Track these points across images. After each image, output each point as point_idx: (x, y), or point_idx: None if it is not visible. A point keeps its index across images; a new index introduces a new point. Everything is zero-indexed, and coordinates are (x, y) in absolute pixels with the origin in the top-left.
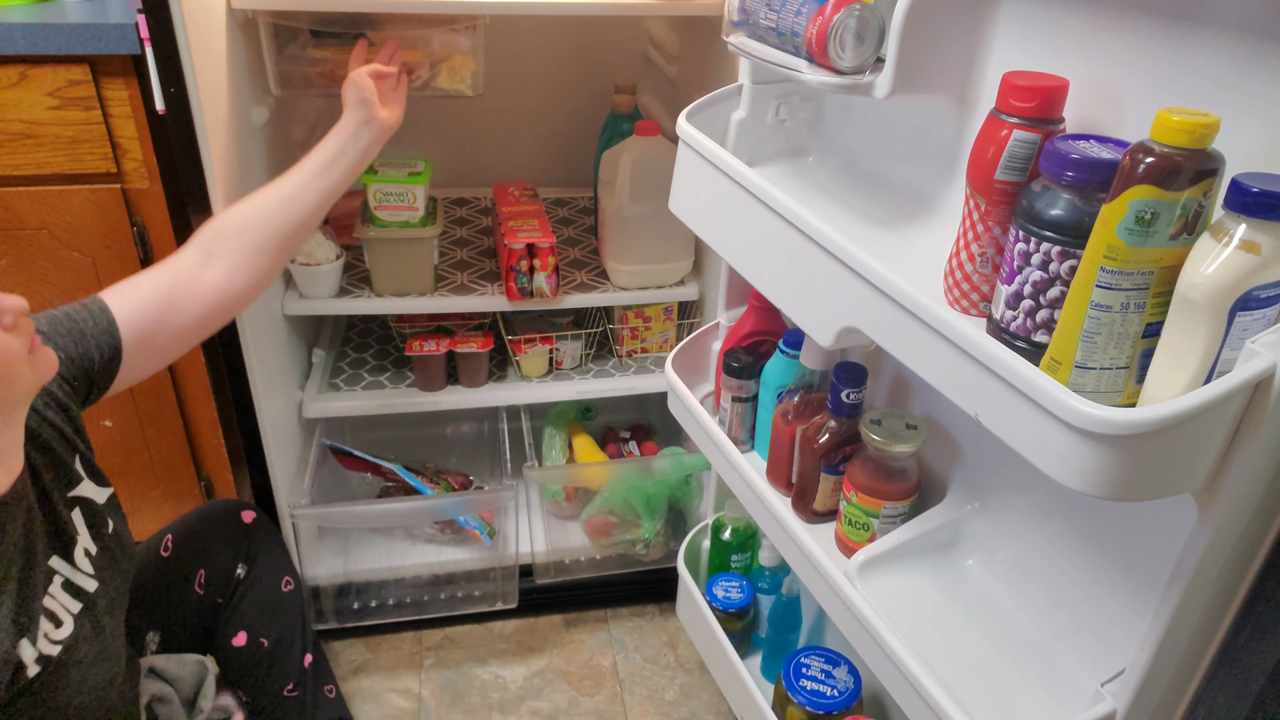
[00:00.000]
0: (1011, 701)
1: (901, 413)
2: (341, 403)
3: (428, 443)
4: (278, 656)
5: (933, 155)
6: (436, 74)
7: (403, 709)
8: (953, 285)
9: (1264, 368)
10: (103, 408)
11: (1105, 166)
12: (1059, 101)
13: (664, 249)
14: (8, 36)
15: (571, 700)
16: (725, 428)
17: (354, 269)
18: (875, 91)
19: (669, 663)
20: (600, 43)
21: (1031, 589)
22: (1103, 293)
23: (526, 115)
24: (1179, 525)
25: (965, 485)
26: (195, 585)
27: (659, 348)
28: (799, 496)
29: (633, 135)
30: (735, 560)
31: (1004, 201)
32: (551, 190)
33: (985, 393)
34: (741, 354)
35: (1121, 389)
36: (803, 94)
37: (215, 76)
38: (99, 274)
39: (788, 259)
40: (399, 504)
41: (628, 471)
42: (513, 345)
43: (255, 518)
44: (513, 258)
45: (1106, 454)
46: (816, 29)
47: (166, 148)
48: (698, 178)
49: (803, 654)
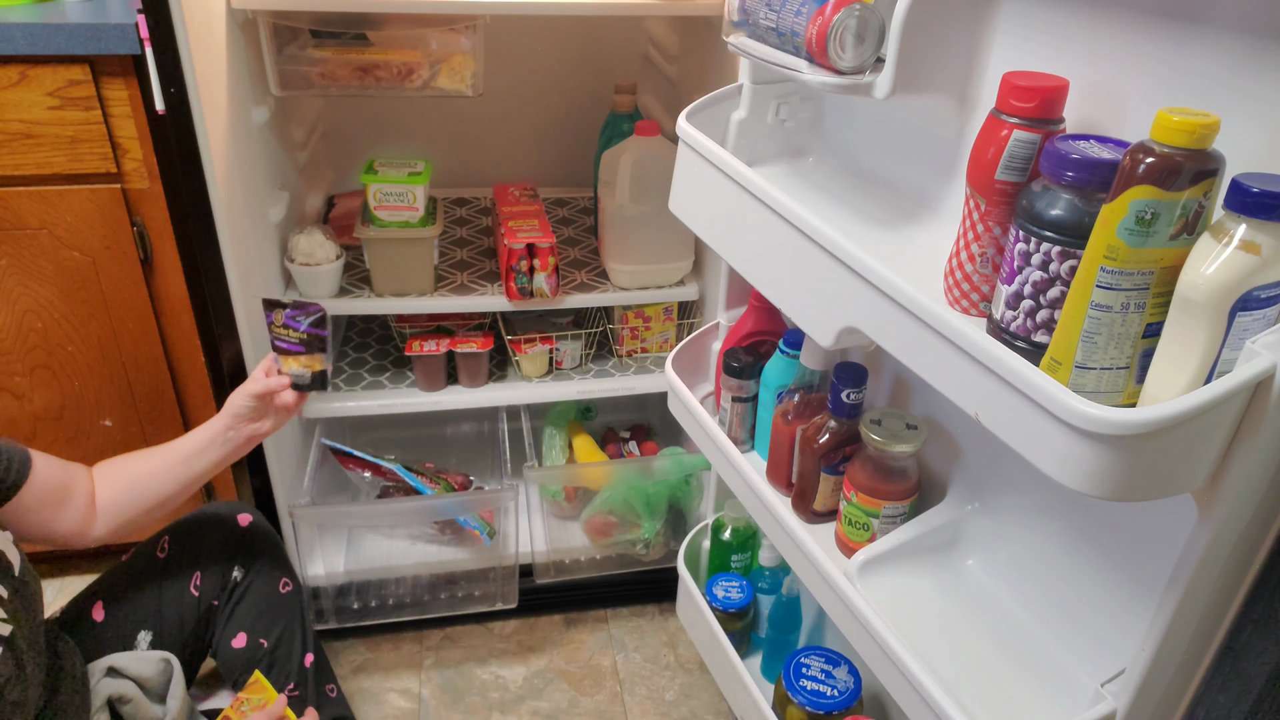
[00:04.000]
0: (1011, 701)
1: (901, 413)
2: (341, 403)
3: (428, 443)
4: (278, 657)
5: (933, 155)
6: (436, 74)
7: (403, 709)
8: (953, 285)
9: (1264, 368)
10: (102, 407)
11: (1105, 166)
12: (1059, 101)
13: (664, 249)
14: (8, 36)
15: (571, 700)
16: (725, 428)
17: (354, 269)
18: (875, 91)
19: (669, 663)
20: (600, 43)
21: (1031, 589)
22: (1103, 293)
23: (526, 115)
24: (1179, 525)
25: (965, 485)
26: (191, 587)
27: (659, 348)
28: (799, 496)
29: (633, 135)
30: (735, 560)
31: (1004, 201)
32: (551, 190)
33: (985, 393)
34: (741, 354)
35: (1122, 389)
36: (803, 94)
37: (215, 76)
38: (99, 274)
39: (788, 259)
40: (399, 504)
41: (628, 471)
42: (513, 345)
43: (252, 521)
44: (513, 258)
45: (1107, 454)
46: (816, 29)
47: (166, 148)
48: (698, 178)
49: (803, 654)
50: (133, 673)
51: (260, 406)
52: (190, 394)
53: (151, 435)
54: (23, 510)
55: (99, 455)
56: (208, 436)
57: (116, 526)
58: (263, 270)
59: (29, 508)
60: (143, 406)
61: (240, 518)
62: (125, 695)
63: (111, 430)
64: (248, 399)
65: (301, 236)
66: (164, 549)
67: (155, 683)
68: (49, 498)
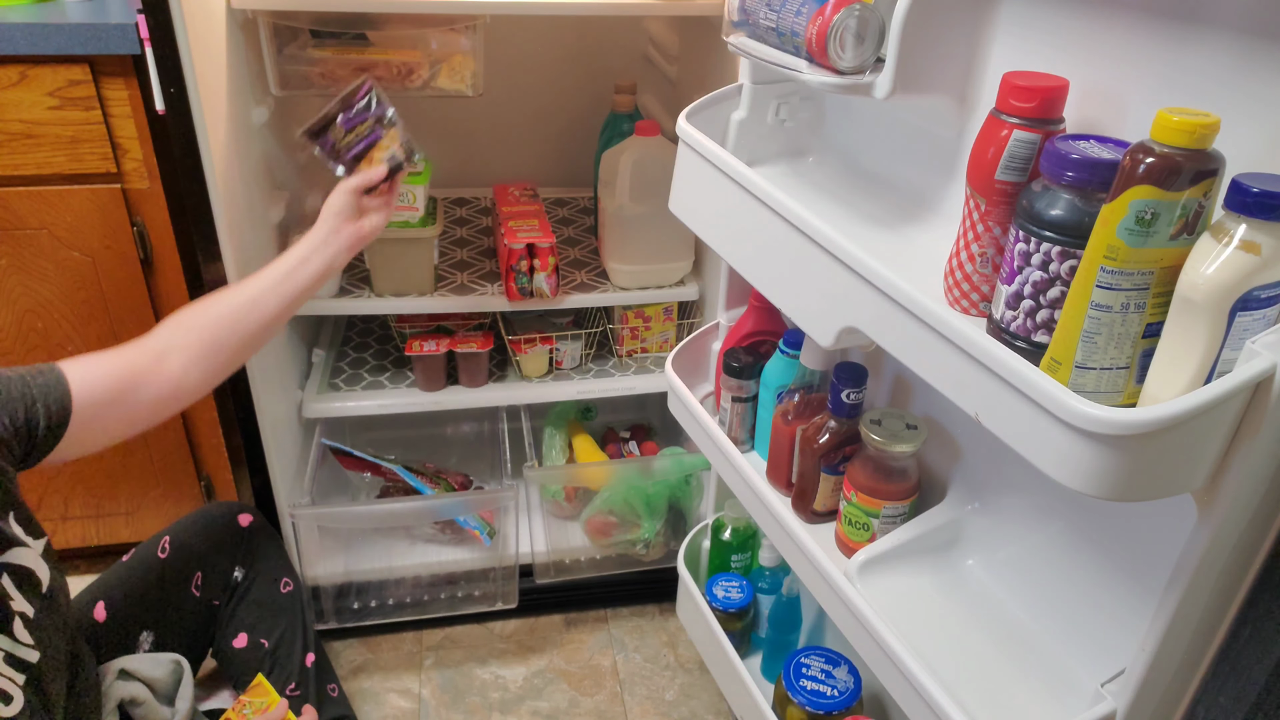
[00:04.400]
0: (1011, 701)
1: (901, 413)
2: (341, 403)
3: (428, 443)
4: (279, 657)
5: (933, 155)
6: (436, 74)
7: (403, 709)
8: (953, 285)
9: (1264, 368)
10: None
11: (1105, 166)
12: (1059, 101)
13: (664, 249)
14: (8, 36)
15: (571, 700)
16: (725, 428)
17: (354, 269)
18: (875, 91)
19: (669, 663)
20: (600, 43)
21: (1031, 589)
22: (1103, 293)
23: (526, 115)
24: (1179, 525)
25: (965, 485)
26: (192, 587)
27: (659, 348)
28: (799, 496)
29: (633, 135)
30: (735, 560)
31: (1004, 201)
32: (551, 190)
33: (985, 393)
34: (741, 354)
35: (1122, 389)
36: (803, 94)
37: (215, 76)
38: (99, 274)
39: (788, 259)
40: (399, 504)
41: (628, 471)
42: (513, 345)
43: (253, 521)
44: (513, 258)
45: (1107, 454)
46: (816, 29)
47: (166, 148)
48: (698, 178)
49: (803, 654)
50: (144, 675)
51: (358, 203)
52: None
53: (151, 435)
54: (82, 431)
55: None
56: (310, 245)
57: (214, 367)
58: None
59: (87, 424)
60: None
61: (241, 518)
62: (137, 698)
63: None
64: (347, 195)
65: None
66: (164, 549)
67: (165, 685)
68: (108, 399)
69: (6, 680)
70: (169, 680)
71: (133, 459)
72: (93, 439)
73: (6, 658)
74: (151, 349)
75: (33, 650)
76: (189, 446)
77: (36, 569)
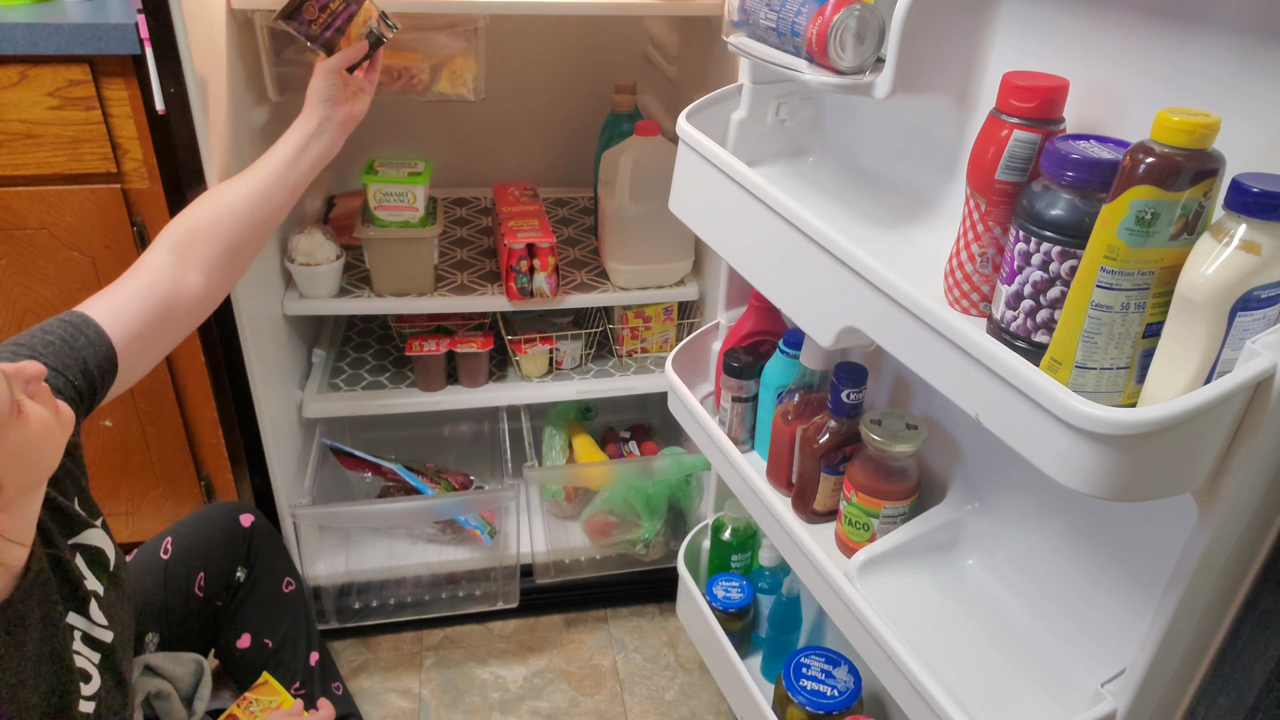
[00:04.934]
0: (1011, 701)
1: (901, 413)
2: (341, 403)
3: (428, 443)
4: (283, 656)
5: (933, 155)
6: (437, 79)
7: (403, 709)
8: (953, 285)
9: (1264, 368)
10: (102, 408)
11: (1105, 166)
12: (1059, 101)
13: (664, 249)
14: (8, 36)
15: (571, 700)
16: (725, 428)
17: (354, 269)
18: (875, 91)
19: (669, 663)
20: (600, 43)
21: (1031, 589)
22: (1103, 293)
23: (526, 115)
24: (1179, 525)
25: (965, 485)
26: (195, 588)
27: (659, 348)
28: (799, 496)
29: (633, 135)
30: (735, 560)
31: (1004, 201)
32: (551, 190)
33: (985, 393)
34: (741, 354)
35: (1122, 389)
36: (803, 94)
37: (215, 77)
38: (99, 274)
39: (788, 259)
40: (399, 504)
41: (628, 471)
42: (513, 345)
43: (254, 521)
44: (513, 258)
45: (1107, 454)
46: (816, 29)
47: (166, 148)
48: (698, 178)
49: (803, 654)
50: (167, 672)
51: (344, 83)
52: (190, 393)
53: (151, 435)
54: (126, 371)
55: (98, 455)
56: (304, 133)
57: (235, 269)
58: (262, 270)
59: (131, 364)
60: (142, 406)
61: (242, 518)
62: (163, 691)
63: (111, 430)
64: (330, 76)
65: (301, 237)
66: (166, 550)
67: (185, 683)
68: (145, 335)
69: (85, 659)
70: (190, 680)
71: (133, 459)
72: (135, 373)
73: (84, 637)
74: (168, 271)
75: (106, 630)
76: (189, 446)
77: (105, 547)
